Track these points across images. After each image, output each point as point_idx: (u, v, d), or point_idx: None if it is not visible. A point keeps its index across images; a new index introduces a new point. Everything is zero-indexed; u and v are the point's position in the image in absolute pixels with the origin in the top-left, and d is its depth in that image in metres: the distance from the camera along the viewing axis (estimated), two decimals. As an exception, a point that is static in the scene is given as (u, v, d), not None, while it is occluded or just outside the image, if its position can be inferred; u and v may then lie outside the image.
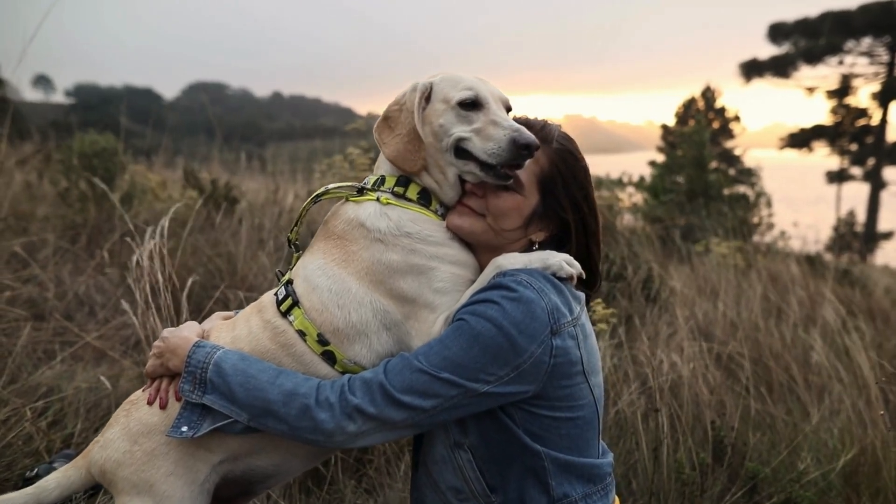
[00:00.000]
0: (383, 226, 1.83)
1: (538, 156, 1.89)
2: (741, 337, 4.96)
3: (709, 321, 5.48)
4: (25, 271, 5.33)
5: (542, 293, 1.70)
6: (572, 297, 1.82)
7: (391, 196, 1.90)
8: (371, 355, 1.82)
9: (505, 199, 1.89)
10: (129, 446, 1.80)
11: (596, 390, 1.86)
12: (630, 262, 6.44)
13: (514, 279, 1.72)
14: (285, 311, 1.86)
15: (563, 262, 1.80)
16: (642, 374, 4.03)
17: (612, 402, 3.80)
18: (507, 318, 1.64)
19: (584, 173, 1.97)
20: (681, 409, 3.70)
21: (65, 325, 4.56)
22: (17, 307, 4.67)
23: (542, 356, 1.68)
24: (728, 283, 6.68)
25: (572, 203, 1.92)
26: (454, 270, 1.85)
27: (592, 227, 1.98)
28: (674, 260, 8.59)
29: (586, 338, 1.83)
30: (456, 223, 1.91)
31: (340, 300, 1.81)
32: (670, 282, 6.29)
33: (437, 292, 1.81)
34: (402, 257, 1.81)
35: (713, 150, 22.35)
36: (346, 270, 1.83)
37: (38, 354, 4.15)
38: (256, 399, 1.69)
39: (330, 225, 1.95)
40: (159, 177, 9.66)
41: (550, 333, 1.68)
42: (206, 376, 1.74)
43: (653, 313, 5.39)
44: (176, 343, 1.85)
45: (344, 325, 1.80)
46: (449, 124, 1.86)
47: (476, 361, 1.64)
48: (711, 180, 13.86)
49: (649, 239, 9.92)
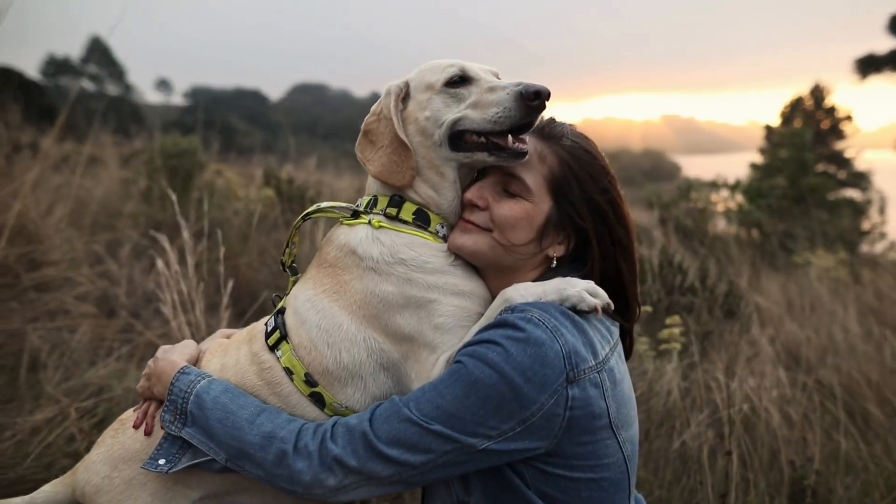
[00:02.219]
0: (376, 252, 1.63)
1: (545, 155, 1.65)
2: (834, 363, 4.44)
3: (797, 343, 4.95)
4: (101, 267, 5.54)
5: (556, 333, 1.43)
6: (598, 336, 1.55)
7: (384, 218, 1.70)
8: (366, 398, 1.62)
9: (511, 207, 1.64)
10: (108, 472, 1.70)
11: (627, 446, 1.58)
12: (714, 272, 5.96)
13: (522, 316, 1.46)
14: (273, 344, 1.69)
15: (585, 291, 1.53)
16: (714, 401, 3.65)
17: (677, 431, 3.45)
18: (510, 363, 1.39)
19: (603, 173, 1.68)
20: (755, 445, 3.31)
21: (130, 322, 4.67)
22: (89, 303, 4.85)
23: (555, 408, 1.42)
24: (826, 299, 6.05)
25: (591, 208, 1.64)
26: (458, 302, 1.62)
27: (622, 238, 1.68)
28: (766, 271, 7.94)
29: (616, 384, 1.54)
30: (458, 243, 1.68)
31: (330, 338, 1.62)
32: (756, 296, 5.75)
33: (438, 329, 1.58)
34: (398, 288, 1.60)
35: (821, 151, 20.80)
36: (337, 303, 1.64)
37: (102, 351, 4.24)
38: (233, 439, 1.53)
39: (323, 251, 1.76)
40: (237, 175, 9.94)
41: (566, 382, 1.42)
42: (186, 407, 1.60)
43: (733, 332, 4.93)
44: (162, 368, 1.72)
45: (334, 367, 1.61)
46: (437, 112, 1.66)
47: (473, 413, 1.40)
48: (814, 184, 12.83)
49: (741, 246, 9.27)
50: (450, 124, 1.65)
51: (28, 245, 5.06)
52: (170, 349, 1.83)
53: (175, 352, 1.80)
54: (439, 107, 1.66)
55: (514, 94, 1.56)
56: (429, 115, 1.67)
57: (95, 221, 6.83)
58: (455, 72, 1.66)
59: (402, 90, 1.73)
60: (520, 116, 1.57)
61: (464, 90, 1.65)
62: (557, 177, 1.64)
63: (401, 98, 1.72)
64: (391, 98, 1.71)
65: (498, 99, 1.59)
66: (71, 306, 4.59)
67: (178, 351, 1.81)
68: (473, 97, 1.64)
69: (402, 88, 1.73)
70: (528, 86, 1.55)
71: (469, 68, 1.67)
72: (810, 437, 3.50)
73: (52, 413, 3.19)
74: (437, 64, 1.71)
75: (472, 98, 1.64)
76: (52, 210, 6.16)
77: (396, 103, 1.71)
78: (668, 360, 3.91)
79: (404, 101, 1.73)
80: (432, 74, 1.69)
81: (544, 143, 1.67)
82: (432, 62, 1.74)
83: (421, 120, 1.68)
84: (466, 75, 1.66)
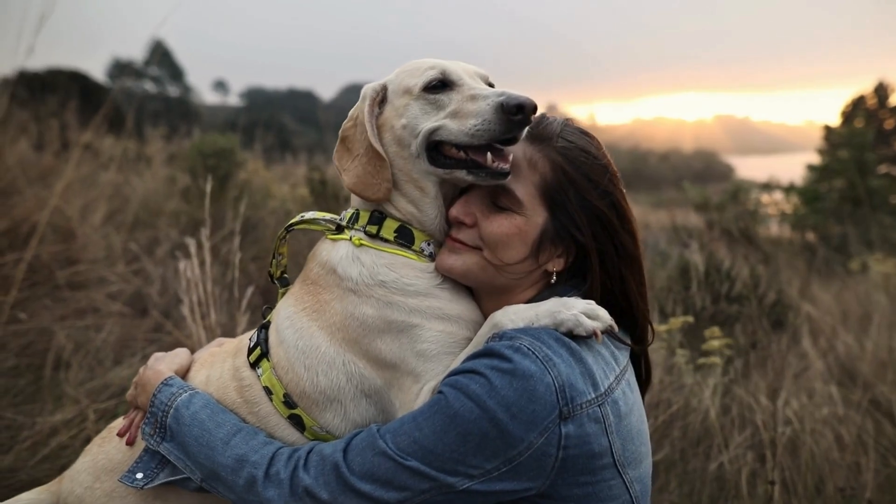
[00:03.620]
0: (355, 273, 1.50)
1: (536, 160, 1.47)
2: (894, 380, 4.11)
3: (852, 358, 4.61)
4: (137, 265, 5.58)
5: (547, 363, 1.26)
6: (601, 364, 1.37)
7: (364, 236, 1.56)
8: (346, 425, 1.50)
9: (501, 222, 1.47)
10: (91, 482, 1.64)
11: (636, 487, 1.39)
12: (761, 278, 5.65)
13: (510, 344, 1.29)
14: (255, 361, 1.59)
15: (581, 313, 1.35)
16: (755, 420, 3.40)
17: (715, 452, 3.23)
18: (494, 398, 1.23)
19: (603, 173, 1.49)
20: (800, 469, 3.06)
21: (160, 321, 4.67)
22: (121, 302, 4.87)
23: (546, 448, 1.25)
24: (885, 308, 5.66)
25: (592, 216, 1.46)
26: (442, 327, 1.47)
27: (627, 246, 1.49)
28: (820, 278, 7.52)
29: (622, 418, 1.36)
30: (447, 264, 1.52)
31: (307, 360, 1.50)
32: (807, 306, 5.42)
33: (421, 356, 1.44)
34: (378, 312, 1.46)
35: (884, 152, 19.79)
36: (316, 323, 1.52)
37: (128, 351, 4.24)
38: (207, 458, 1.44)
39: (308, 266, 1.65)
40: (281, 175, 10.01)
41: (558, 418, 1.24)
42: (166, 421, 1.52)
43: (781, 344, 4.63)
44: (148, 377, 1.64)
45: (311, 390, 1.50)
46: (414, 120, 1.50)
47: (452, 450, 1.25)
48: (875, 186, 12.18)
49: (793, 251, 8.84)
50: (426, 134, 1.48)
51: (64, 243, 5.13)
52: (161, 357, 1.75)
53: (164, 361, 1.71)
54: (416, 114, 1.50)
55: (494, 106, 1.39)
56: (405, 122, 1.51)
57: (137, 219, 6.92)
58: (435, 75, 1.49)
59: (379, 94, 1.58)
60: (499, 131, 1.40)
61: (444, 96, 1.49)
62: (551, 184, 1.46)
63: (377, 102, 1.58)
64: (366, 103, 1.56)
65: (478, 109, 1.41)
66: (102, 305, 4.62)
67: (167, 360, 1.72)
68: (453, 105, 1.47)
69: (379, 92, 1.58)
70: (511, 97, 1.37)
71: (451, 71, 1.50)
72: (864, 462, 3.22)
73: (71, 414, 3.18)
74: (417, 65, 1.54)
75: (452, 106, 1.47)
76: (93, 207, 6.26)
77: (372, 108, 1.56)
78: (708, 374, 3.68)
79: (381, 105, 1.58)
80: (411, 77, 1.53)
81: (534, 147, 1.49)
82: (414, 62, 1.57)
83: (397, 128, 1.52)
84: (447, 79, 1.49)
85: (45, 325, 3.99)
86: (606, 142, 1.60)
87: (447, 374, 1.36)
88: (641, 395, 1.58)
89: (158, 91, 53.06)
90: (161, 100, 48.59)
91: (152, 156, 10.65)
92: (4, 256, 4.35)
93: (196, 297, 3.20)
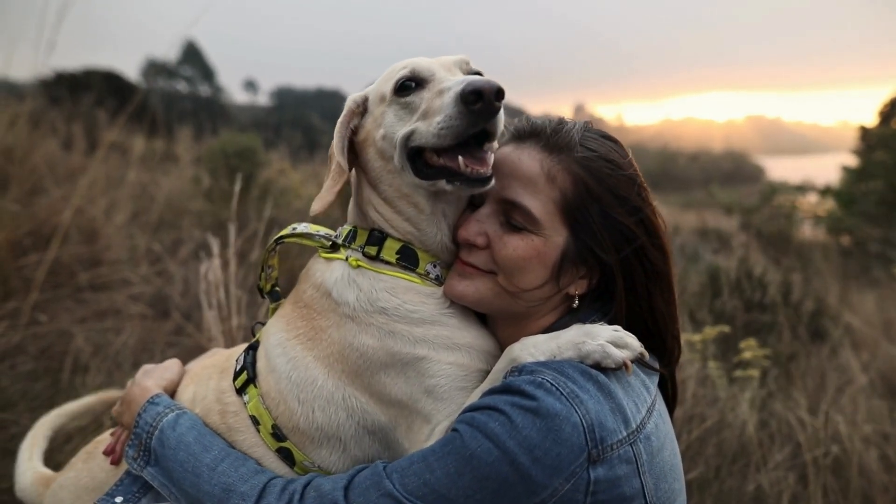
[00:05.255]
0: (352, 298, 1.37)
1: (555, 173, 1.31)
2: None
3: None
4: (159, 266, 5.55)
5: (574, 401, 1.13)
6: (631, 396, 1.23)
7: (362, 257, 1.42)
8: (346, 462, 1.38)
9: (516, 244, 1.32)
10: (71, 500, 1.57)
11: None
12: (798, 286, 5.44)
13: (531, 379, 1.16)
14: (240, 386, 1.47)
15: (608, 342, 1.22)
16: (795, 438, 3.23)
17: (752, 471, 3.06)
18: (515, 438, 1.10)
19: (630, 186, 1.33)
20: (845, 491, 2.89)
21: (181, 324, 4.62)
22: (142, 303, 4.84)
23: (573, 494, 1.12)
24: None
25: (617, 234, 1.31)
26: (453, 359, 1.32)
27: (657, 263, 1.35)
28: (859, 285, 7.24)
29: (655, 454, 1.22)
30: (457, 291, 1.38)
31: (302, 393, 1.37)
32: (848, 315, 5.19)
33: (431, 394, 1.30)
34: (379, 342, 1.32)
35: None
36: (311, 353, 1.38)
37: (147, 354, 4.19)
38: (192, 486, 1.33)
39: (300, 286, 1.51)
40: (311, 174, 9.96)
41: (587, 461, 1.11)
42: (150, 443, 1.42)
43: (820, 356, 4.43)
44: (133, 395, 1.54)
45: (306, 426, 1.37)
46: (391, 128, 1.36)
47: (467, 495, 1.12)
48: (916, 189, 11.77)
49: (830, 256, 8.55)
50: (402, 142, 1.33)
51: (87, 244, 5.11)
52: (150, 371, 1.64)
53: (153, 376, 1.61)
54: (392, 121, 1.36)
55: (454, 98, 1.22)
56: (384, 132, 1.37)
57: (161, 219, 6.91)
58: (404, 74, 1.34)
59: (360, 105, 1.45)
60: (462, 126, 1.22)
61: (416, 97, 1.33)
62: (572, 201, 1.31)
63: (356, 113, 1.45)
64: (343, 115, 1.44)
65: (441, 104, 1.25)
66: (123, 306, 4.58)
67: (156, 375, 1.61)
68: (424, 104, 1.31)
69: (360, 103, 1.45)
70: (470, 83, 1.20)
71: (421, 68, 1.34)
72: (913, 487, 3.03)
73: (86, 420, 3.11)
74: (392, 68, 1.40)
75: (423, 105, 1.31)
76: (118, 207, 6.26)
77: (347, 121, 1.43)
78: (744, 388, 3.50)
79: (362, 117, 1.45)
80: (386, 82, 1.39)
81: (553, 158, 1.33)
82: (393, 66, 1.42)
83: (378, 139, 1.39)
84: (418, 77, 1.34)
85: (64, 328, 3.96)
86: (634, 143, 1.45)
87: (462, 409, 1.23)
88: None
89: (190, 91, 53.85)
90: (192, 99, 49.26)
91: (180, 155, 10.70)
92: (28, 257, 4.34)
93: (216, 299, 3.13)
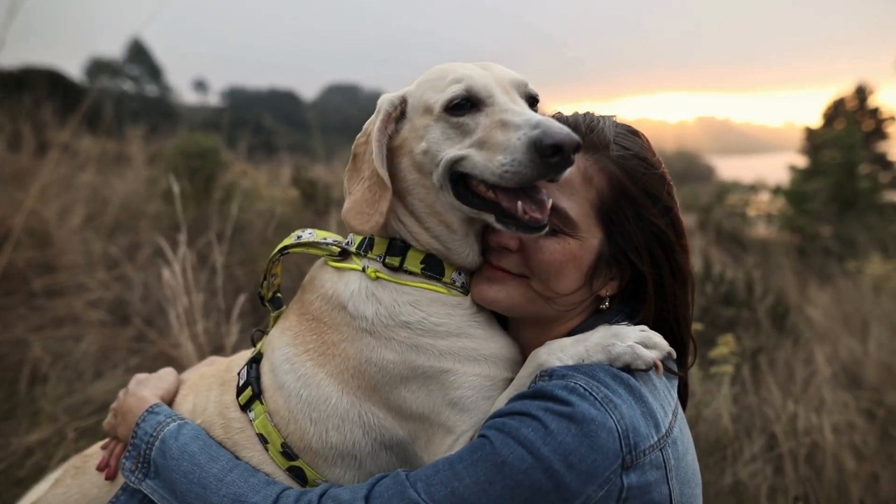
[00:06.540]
0: (370, 312, 1.30)
1: (592, 174, 1.28)
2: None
3: (856, 362, 4.52)
4: (117, 271, 5.34)
5: (608, 406, 1.10)
6: (659, 400, 1.21)
7: (382, 268, 1.35)
8: (360, 478, 1.32)
9: (553, 248, 1.28)
10: None
11: None
12: (758, 282, 5.55)
13: (563, 384, 1.13)
14: (245, 402, 1.40)
15: (637, 344, 1.19)
16: (769, 429, 3.28)
17: (729, 463, 3.09)
18: (550, 444, 1.07)
19: (662, 184, 1.32)
20: (818, 481, 2.94)
21: (143, 330, 4.45)
22: (101, 310, 4.64)
23: (605, 500, 1.09)
24: (885, 312, 5.58)
25: (650, 235, 1.29)
26: (478, 370, 1.28)
27: (682, 265, 1.34)
28: (815, 280, 7.46)
29: (680, 459, 1.20)
30: (488, 296, 1.33)
31: (314, 412, 1.31)
32: (808, 309, 5.33)
33: (455, 406, 1.25)
34: (400, 356, 1.27)
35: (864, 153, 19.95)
36: (323, 370, 1.32)
37: (109, 363, 4.02)
38: (198, 497, 1.26)
39: (305, 297, 1.43)
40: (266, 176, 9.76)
41: (621, 468, 1.09)
42: (150, 454, 1.34)
43: (785, 350, 4.53)
44: (129, 405, 1.46)
45: (319, 446, 1.31)
46: (436, 145, 1.26)
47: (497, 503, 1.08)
48: (862, 187, 12.21)
49: (785, 252, 8.79)
50: (447, 164, 1.26)
51: (40, 249, 4.89)
52: (144, 380, 1.56)
53: (148, 385, 1.53)
54: (438, 138, 1.27)
55: (526, 143, 1.13)
56: (425, 147, 1.28)
57: (117, 222, 6.67)
58: (458, 92, 1.24)
59: (397, 108, 1.35)
60: (532, 176, 1.15)
61: (470, 119, 1.24)
62: (608, 202, 1.28)
63: (393, 118, 1.35)
64: (379, 117, 1.34)
65: (507, 143, 1.16)
66: (81, 313, 4.39)
67: (151, 384, 1.54)
68: (480, 132, 1.22)
69: (397, 106, 1.35)
70: (548, 133, 1.11)
71: (478, 87, 1.24)
72: (883, 474, 3.10)
73: (48, 433, 2.96)
74: (440, 76, 1.31)
75: (479, 133, 1.22)
76: (71, 210, 6.01)
77: (384, 125, 1.33)
78: (719, 383, 3.55)
79: (400, 122, 1.36)
80: (433, 92, 1.29)
81: (589, 158, 1.30)
82: (438, 70, 1.33)
83: (417, 152, 1.30)
84: (474, 97, 1.24)
85: (20, 336, 3.77)
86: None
87: (493, 414, 1.18)
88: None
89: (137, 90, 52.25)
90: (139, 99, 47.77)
91: (132, 156, 10.35)
92: (-24, 263, 4.12)
93: (180, 304, 3.01)
